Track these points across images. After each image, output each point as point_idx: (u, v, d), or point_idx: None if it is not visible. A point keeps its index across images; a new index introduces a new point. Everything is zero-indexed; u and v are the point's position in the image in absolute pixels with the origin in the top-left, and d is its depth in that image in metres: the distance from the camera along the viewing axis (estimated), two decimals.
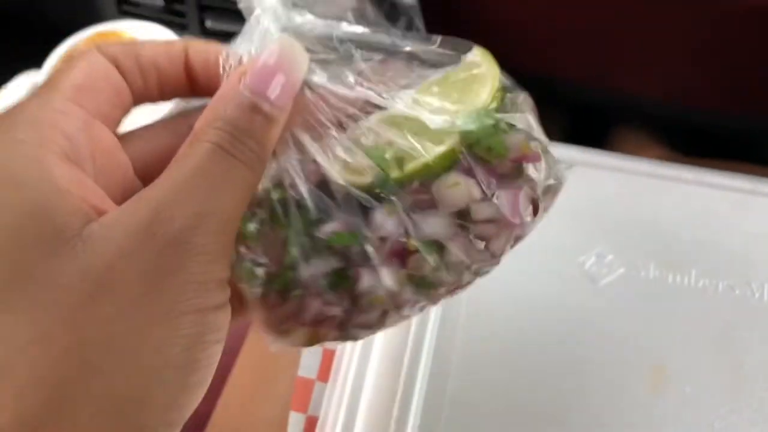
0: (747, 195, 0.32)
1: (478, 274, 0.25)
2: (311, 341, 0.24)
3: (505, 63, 0.28)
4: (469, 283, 0.25)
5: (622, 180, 0.33)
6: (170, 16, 0.69)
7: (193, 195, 0.22)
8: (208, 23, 0.69)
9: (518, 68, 0.31)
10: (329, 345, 0.32)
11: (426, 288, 0.24)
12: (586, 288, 0.30)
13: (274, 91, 0.24)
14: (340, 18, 0.27)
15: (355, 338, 0.25)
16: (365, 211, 0.24)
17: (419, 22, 0.28)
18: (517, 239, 0.25)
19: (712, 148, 0.81)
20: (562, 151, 0.29)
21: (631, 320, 0.29)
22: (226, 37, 0.74)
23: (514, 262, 0.27)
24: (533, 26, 0.66)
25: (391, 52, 0.27)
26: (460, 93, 0.25)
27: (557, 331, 0.29)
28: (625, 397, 0.28)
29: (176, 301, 0.21)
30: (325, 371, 0.32)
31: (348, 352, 0.32)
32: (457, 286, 0.25)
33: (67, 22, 0.68)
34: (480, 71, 0.26)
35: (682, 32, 0.58)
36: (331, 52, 0.27)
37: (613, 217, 0.32)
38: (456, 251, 0.24)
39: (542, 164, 0.24)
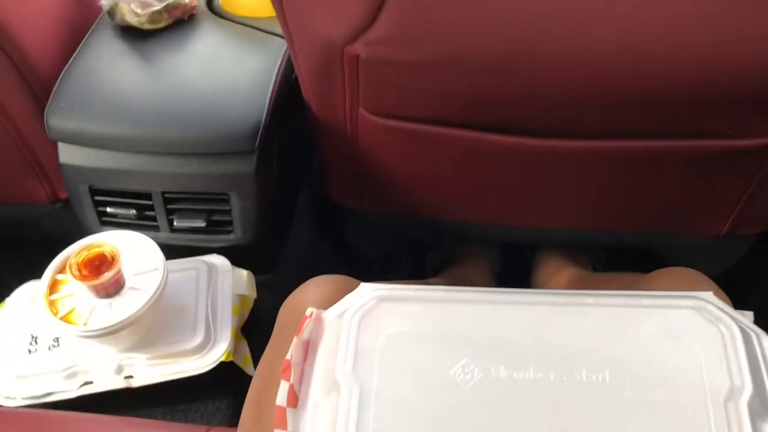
0: (565, 306, 0.44)
1: None
2: None
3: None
4: None
5: (475, 308, 0.45)
6: (143, 222, 0.83)
7: None
8: (176, 223, 0.83)
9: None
10: None
11: None
12: (458, 393, 0.41)
13: None
14: None
15: None
16: None
17: None
18: None
19: (622, 263, 0.94)
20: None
21: (491, 413, 0.40)
22: (193, 231, 0.88)
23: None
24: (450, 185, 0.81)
25: None
26: None
27: (441, 427, 0.40)
28: None
29: None
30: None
31: None
32: None
33: (60, 236, 0.82)
34: None
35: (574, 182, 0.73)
36: None
37: (473, 336, 0.43)
38: None
39: None
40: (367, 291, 0.47)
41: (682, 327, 0.42)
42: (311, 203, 0.97)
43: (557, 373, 0.41)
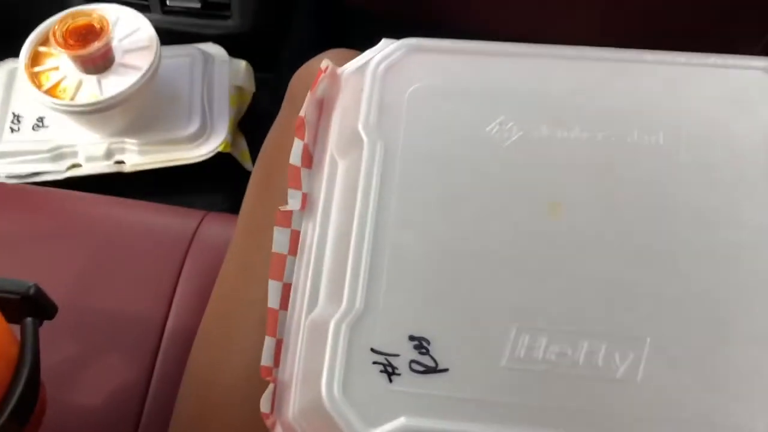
0: (620, 63, 0.39)
1: None
2: None
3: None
4: None
5: (518, 61, 0.40)
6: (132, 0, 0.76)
7: None
8: (169, 1, 0.75)
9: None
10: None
11: None
12: (493, 150, 0.37)
13: None
14: None
15: None
16: None
17: None
18: None
19: None
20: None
21: (530, 170, 0.36)
22: (187, 14, 0.81)
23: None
24: None
25: None
26: None
27: (474, 186, 0.36)
28: (527, 227, 0.35)
29: None
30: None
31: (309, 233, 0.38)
32: None
33: (37, 13, 0.74)
34: None
35: None
36: None
37: (514, 92, 0.39)
38: None
39: None
40: (392, 43, 0.42)
41: (750, 88, 0.38)
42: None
43: (606, 133, 0.37)
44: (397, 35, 0.56)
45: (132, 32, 0.70)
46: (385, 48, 0.42)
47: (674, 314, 0.34)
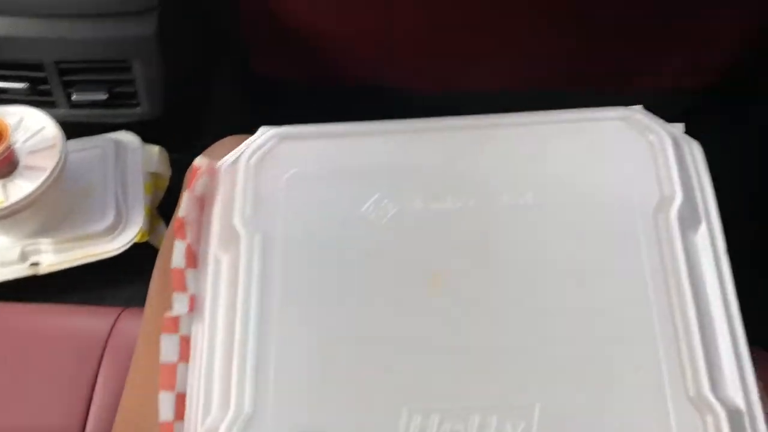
0: (487, 129, 0.40)
1: None
2: None
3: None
4: None
5: (385, 139, 0.40)
6: (37, 97, 0.75)
7: None
8: (74, 97, 0.75)
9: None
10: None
11: None
12: (370, 229, 0.37)
13: None
14: None
15: None
16: None
17: None
18: None
19: None
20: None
21: (408, 246, 0.36)
22: (94, 105, 0.80)
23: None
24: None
25: None
26: None
27: (354, 268, 0.36)
28: (409, 305, 0.34)
29: None
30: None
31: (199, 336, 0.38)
32: None
33: None
34: None
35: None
36: None
37: (386, 170, 0.39)
38: None
39: None
40: (266, 132, 0.42)
41: (608, 139, 0.39)
42: (233, 71, 0.89)
43: (477, 200, 0.38)
44: (318, 102, 0.56)
45: (36, 132, 0.70)
46: (259, 138, 0.42)
47: (560, 376, 0.34)
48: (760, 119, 0.84)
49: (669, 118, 0.40)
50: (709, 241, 0.36)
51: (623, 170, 0.37)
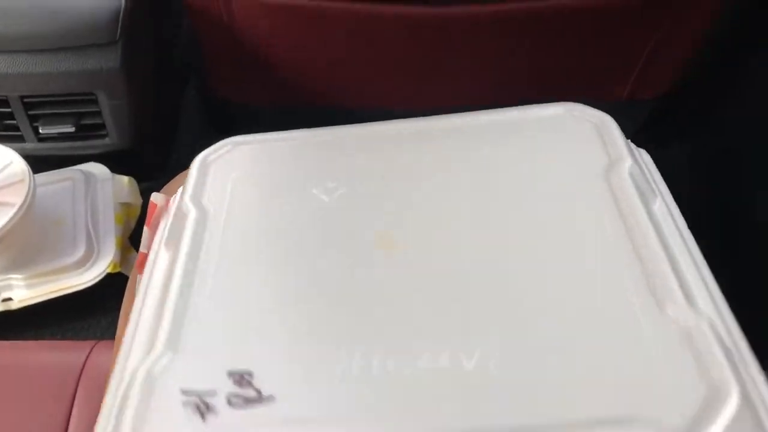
0: (433, 122, 0.44)
1: None
2: None
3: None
4: None
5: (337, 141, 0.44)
6: (5, 132, 0.75)
7: None
8: (42, 131, 0.75)
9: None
10: None
11: None
12: (319, 203, 0.39)
13: None
14: None
15: None
16: None
17: None
18: None
19: None
20: None
21: (356, 212, 0.39)
22: (62, 138, 0.80)
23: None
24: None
25: None
26: None
27: (301, 228, 0.38)
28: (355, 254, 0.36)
29: None
30: None
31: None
32: None
33: None
34: None
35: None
36: None
37: (335, 163, 0.40)
38: None
39: None
40: (223, 141, 0.44)
41: (554, 123, 0.41)
42: (199, 100, 0.90)
43: (427, 182, 0.39)
44: (284, 126, 0.57)
45: (3, 168, 0.70)
46: (215, 146, 0.44)
47: (520, 312, 0.33)
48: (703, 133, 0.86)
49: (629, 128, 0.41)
50: (668, 213, 0.37)
51: (570, 143, 0.39)
